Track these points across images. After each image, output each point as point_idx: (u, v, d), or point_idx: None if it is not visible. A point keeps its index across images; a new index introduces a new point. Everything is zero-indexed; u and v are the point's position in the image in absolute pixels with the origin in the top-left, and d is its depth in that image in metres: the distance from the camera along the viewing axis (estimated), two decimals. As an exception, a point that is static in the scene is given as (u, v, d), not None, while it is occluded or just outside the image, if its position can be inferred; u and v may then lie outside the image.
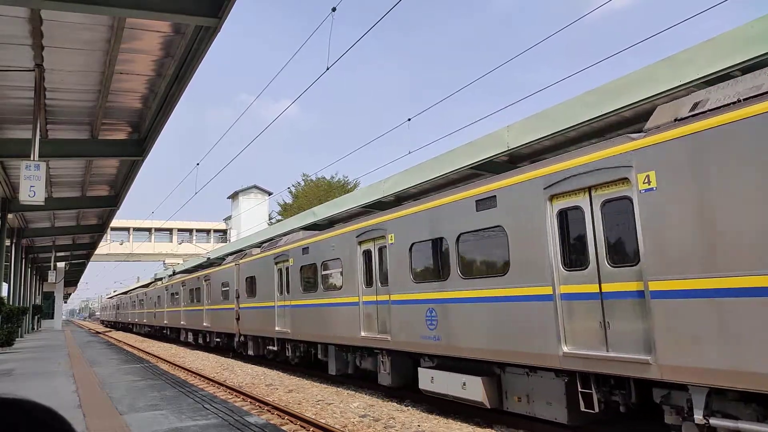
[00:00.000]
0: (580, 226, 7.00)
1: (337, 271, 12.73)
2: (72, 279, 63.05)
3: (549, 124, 11.10)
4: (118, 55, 10.67)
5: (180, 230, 69.17)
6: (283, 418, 9.76)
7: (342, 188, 45.78)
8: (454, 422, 8.97)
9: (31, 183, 10.95)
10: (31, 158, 11.17)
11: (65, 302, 79.88)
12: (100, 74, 11.59)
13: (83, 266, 54.39)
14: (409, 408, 10.25)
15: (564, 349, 6.96)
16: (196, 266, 38.84)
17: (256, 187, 69.24)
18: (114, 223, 35.32)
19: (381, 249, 11.13)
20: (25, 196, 10.93)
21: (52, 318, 52.98)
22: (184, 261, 51.40)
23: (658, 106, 6.82)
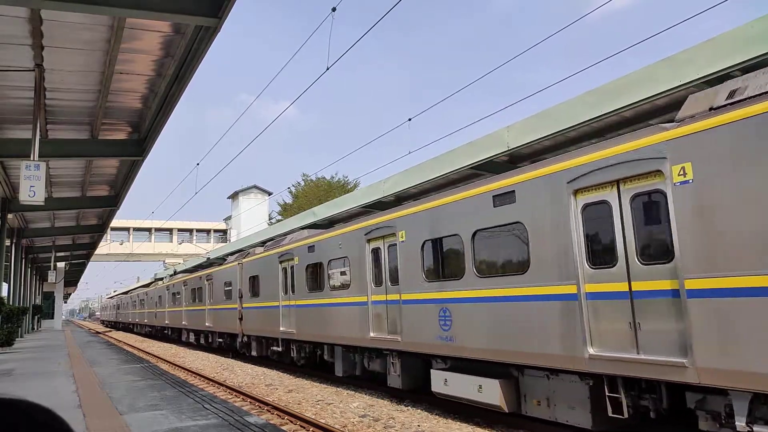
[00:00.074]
0: (608, 221, 6.62)
1: (345, 269, 12.47)
2: (72, 279, 63.07)
3: (549, 124, 11.11)
4: (118, 55, 10.68)
5: (180, 230, 69.18)
6: (283, 418, 9.76)
7: (342, 188, 45.81)
8: (454, 422, 8.97)
9: (31, 183, 10.96)
10: (31, 158, 11.18)
11: (65, 302, 79.91)
12: (100, 74, 11.60)
13: (83, 266, 54.41)
14: (409, 408, 10.24)
15: (590, 351, 6.61)
16: (196, 266, 38.85)
17: (256, 187, 69.28)
18: (114, 223, 35.33)
19: (391, 247, 10.83)
20: (25, 196, 10.94)
21: (52, 318, 53.00)
22: (184, 261, 51.41)
23: (690, 95, 6.52)
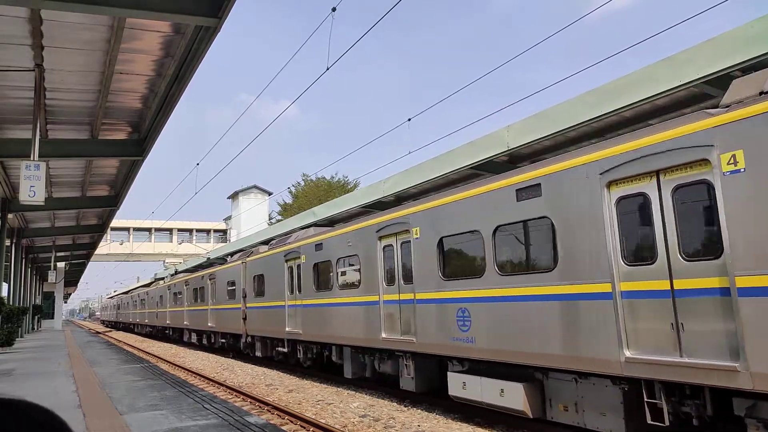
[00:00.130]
0: (646, 215, 6.21)
1: (355, 268, 12.05)
2: (72, 279, 63.09)
3: (549, 124, 11.11)
4: (118, 55, 10.68)
5: (180, 230, 69.17)
6: (283, 418, 9.76)
7: (342, 188, 45.82)
8: (454, 422, 8.97)
9: (31, 183, 10.96)
10: (31, 158, 11.18)
11: (65, 302, 79.90)
12: (100, 74, 11.60)
13: (83, 266, 54.43)
14: (409, 408, 10.24)
15: (626, 354, 6.20)
16: (196, 266, 38.85)
17: (256, 187, 69.29)
18: (114, 223, 35.34)
19: (404, 244, 10.43)
20: (25, 196, 10.95)
21: (52, 318, 53.04)
22: (184, 261, 51.39)
23: (734, 80, 6.22)
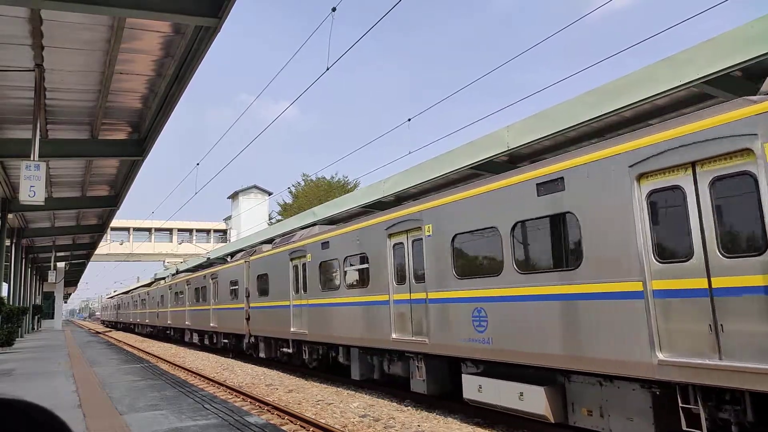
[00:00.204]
0: (680, 209, 5.91)
1: (363, 267, 11.75)
2: (72, 279, 63.09)
3: (549, 124, 11.11)
4: (118, 55, 10.69)
5: (180, 230, 69.22)
6: (283, 418, 9.76)
7: (342, 188, 45.84)
8: (454, 422, 8.97)
9: (31, 183, 10.96)
10: (31, 158, 11.19)
11: (65, 302, 79.92)
12: (100, 74, 11.60)
13: (83, 266, 54.43)
14: (409, 408, 10.24)
15: (659, 356, 5.89)
16: (196, 266, 38.84)
17: (256, 187, 69.32)
18: (114, 223, 35.34)
19: (415, 242, 10.14)
20: (25, 196, 10.95)
21: (52, 318, 53.04)
22: (184, 261, 51.40)
23: None
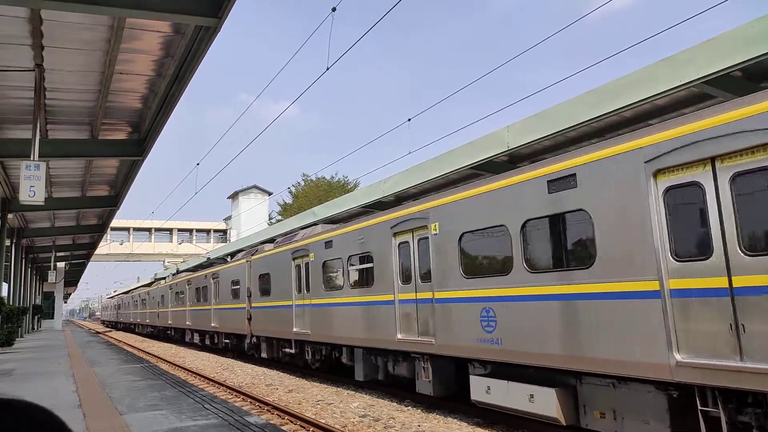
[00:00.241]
0: (699, 206, 5.77)
1: (368, 266, 11.59)
2: (72, 279, 63.09)
3: (549, 124, 11.11)
4: (118, 55, 10.69)
5: (180, 230, 69.19)
6: (283, 418, 9.76)
7: (342, 188, 45.85)
8: (454, 422, 8.97)
9: (31, 183, 10.96)
10: (31, 158, 11.19)
11: (65, 302, 79.96)
12: (100, 74, 11.60)
13: (83, 266, 54.44)
14: (409, 408, 10.25)
15: (677, 358, 5.74)
16: (196, 266, 38.84)
17: (256, 187, 69.31)
18: (114, 223, 35.34)
19: (421, 240, 9.99)
20: (25, 196, 10.95)
21: (52, 318, 53.05)
22: (184, 261, 51.41)
23: None
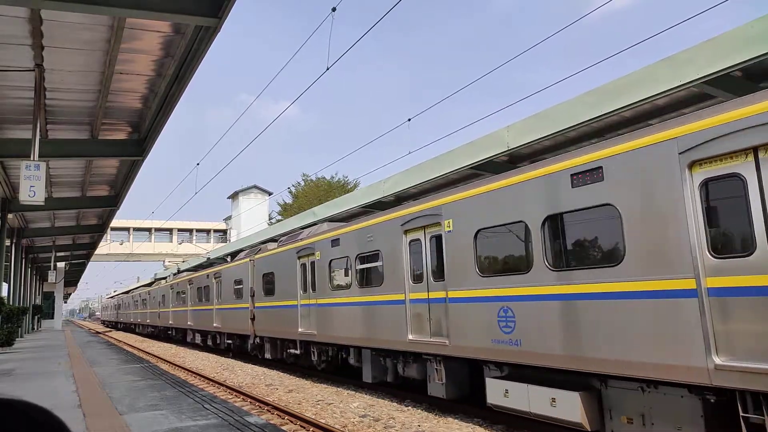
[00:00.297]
0: (740, 199, 5.44)
1: (377, 265, 11.27)
2: (72, 279, 63.10)
3: (549, 124, 11.11)
4: (118, 55, 10.68)
5: (180, 230, 69.19)
6: (283, 418, 9.76)
7: (342, 188, 45.86)
8: (454, 422, 8.97)
9: (31, 183, 10.96)
10: (31, 158, 11.19)
11: (65, 302, 79.97)
12: (100, 74, 11.60)
13: (83, 266, 54.44)
14: (409, 408, 10.25)
15: (716, 361, 5.41)
16: (196, 266, 38.82)
17: (256, 187, 69.33)
18: (114, 223, 35.34)
19: (433, 238, 9.68)
20: (25, 196, 10.95)
21: (52, 318, 53.07)
22: (183, 261, 51.40)
23: None
